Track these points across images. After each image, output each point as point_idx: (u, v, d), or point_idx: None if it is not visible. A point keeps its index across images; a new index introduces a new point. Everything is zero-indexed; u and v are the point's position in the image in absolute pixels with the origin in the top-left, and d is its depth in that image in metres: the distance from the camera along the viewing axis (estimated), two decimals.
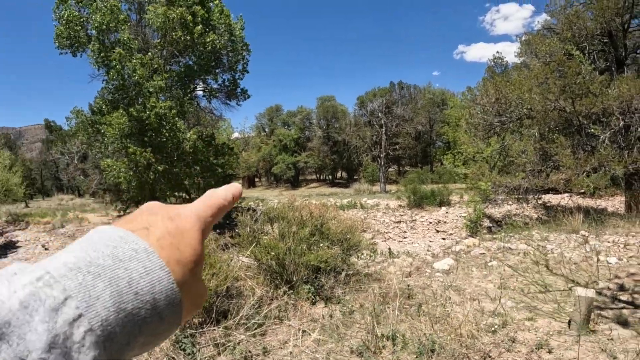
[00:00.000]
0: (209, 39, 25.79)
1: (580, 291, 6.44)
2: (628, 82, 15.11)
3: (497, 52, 74.56)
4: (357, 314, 6.31)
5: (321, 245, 7.51)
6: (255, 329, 5.67)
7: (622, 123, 15.32)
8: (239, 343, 5.29)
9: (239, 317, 5.70)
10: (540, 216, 20.27)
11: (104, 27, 23.53)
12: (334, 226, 8.11)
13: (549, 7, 21.67)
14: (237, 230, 8.24)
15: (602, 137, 15.29)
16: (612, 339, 6.02)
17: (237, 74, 30.44)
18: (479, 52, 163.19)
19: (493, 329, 6.23)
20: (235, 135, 75.83)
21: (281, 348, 5.31)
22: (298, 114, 74.06)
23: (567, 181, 15.40)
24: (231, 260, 6.90)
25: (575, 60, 16.88)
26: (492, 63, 52.90)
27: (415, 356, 5.10)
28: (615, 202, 26.47)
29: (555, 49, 18.18)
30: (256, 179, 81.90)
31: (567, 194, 27.20)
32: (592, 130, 15.61)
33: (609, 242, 12.42)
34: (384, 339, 5.39)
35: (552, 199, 25.63)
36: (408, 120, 62.03)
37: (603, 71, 19.01)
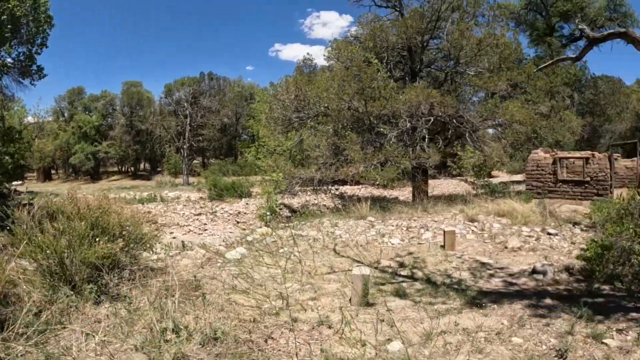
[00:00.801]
0: (8, 5, 22.74)
1: (356, 270, 6.87)
2: (416, 90, 16.60)
3: (308, 53, 77.01)
4: (142, 310, 6.02)
5: (99, 240, 6.98)
6: (37, 337, 5.12)
7: (409, 125, 16.81)
8: (19, 355, 4.74)
9: (17, 326, 5.09)
10: (337, 205, 21.36)
11: None
12: (114, 219, 7.59)
13: (360, 18, 23.11)
14: (9, 228, 7.32)
15: (389, 135, 16.68)
16: (390, 310, 6.38)
17: (34, 47, 27.32)
18: (295, 52, 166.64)
19: (275, 311, 6.32)
20: (29, 119, 67.45)
21: (64, 354, 4.85)
22: (101, 99, 68.76)
23: (356, 174, 16.56)
24: (5, 262, 6.13)
25: (373, 67, 18.11)
26: (302, 63, 54.36)
27: (200, 346, 4.99)
28: (406, 192, 28.97)
29: (356, 56, 19.33)
30: (52, 171, 74.13)
31: (362, 185, 29.15)
32: (382, 129, 17.00)
33: (393, 225, 13.62)
34: (168, 332, 5.19)
35: (349, 189, 27.23)
36: (215, 111, 61.70)
37: (398, 80, 20.74)
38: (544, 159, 19.74)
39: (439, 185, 31.39)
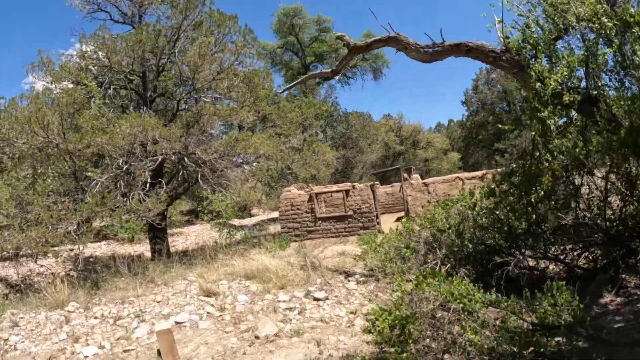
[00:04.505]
0: None
1: None
2: (131, 120, 12.50)
3: None
4: None
5: None
6: None
7: (126, 166, 12.62)
8: None
9: None
10: (80, 274, 15.54)
11: None
12: None
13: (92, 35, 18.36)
14: None
15: (95, 182, 12.17)
16: None
17: None
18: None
19: None
20: None
21: None
22: None
23: (45, 242, 11.64)
24: None
25: (80, 91, 13.92)
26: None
27: None
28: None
29: (65, 76, 15.06)
30: None
31: (107, 241, 24.15)
32: (90, 174, 12.38)
33: (97, 317, 9.08)
34: None
35: (90, 247, 21.34)
36: None
37: (118, 109, 16.55)
38: (299, 196, 17.31)
39: (193, 233, 26.50)
